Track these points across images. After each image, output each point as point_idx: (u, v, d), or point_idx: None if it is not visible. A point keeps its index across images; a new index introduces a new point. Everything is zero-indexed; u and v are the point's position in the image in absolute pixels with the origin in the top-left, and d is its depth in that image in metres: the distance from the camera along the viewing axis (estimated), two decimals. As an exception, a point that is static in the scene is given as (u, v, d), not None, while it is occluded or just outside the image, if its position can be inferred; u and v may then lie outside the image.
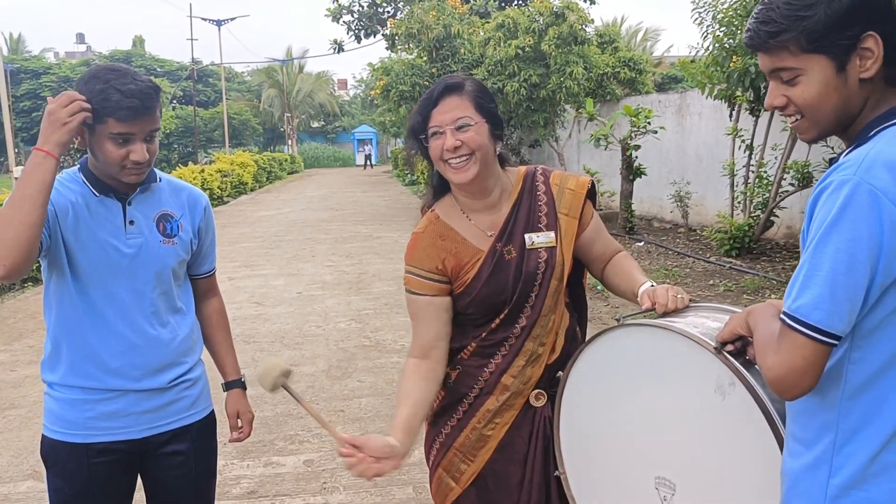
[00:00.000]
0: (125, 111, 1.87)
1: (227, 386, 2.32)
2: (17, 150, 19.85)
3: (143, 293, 2.04)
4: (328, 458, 4.11)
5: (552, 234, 1.94)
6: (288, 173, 39.24)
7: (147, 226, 2.05)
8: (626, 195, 11.27)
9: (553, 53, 12.36)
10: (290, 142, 51.13)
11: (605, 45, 14.54)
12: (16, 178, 15.17)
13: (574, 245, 1.99)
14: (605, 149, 10.55)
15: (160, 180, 2.13)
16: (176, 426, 2.13)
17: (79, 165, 2.04)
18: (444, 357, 1.96)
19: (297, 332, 6.86)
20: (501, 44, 12.85)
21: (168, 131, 37.87)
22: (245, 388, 2.34)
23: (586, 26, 12.80)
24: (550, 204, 1.97)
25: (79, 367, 2.04)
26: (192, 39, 47.40)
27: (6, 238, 1.76)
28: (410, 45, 16.14)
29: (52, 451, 2.07)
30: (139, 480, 2.18)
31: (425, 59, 15.93)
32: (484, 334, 1.95)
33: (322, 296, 8.46)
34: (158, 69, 55.64)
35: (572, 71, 12.14)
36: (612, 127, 10.43)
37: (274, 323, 7.15)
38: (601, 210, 13.38)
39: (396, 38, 16.43)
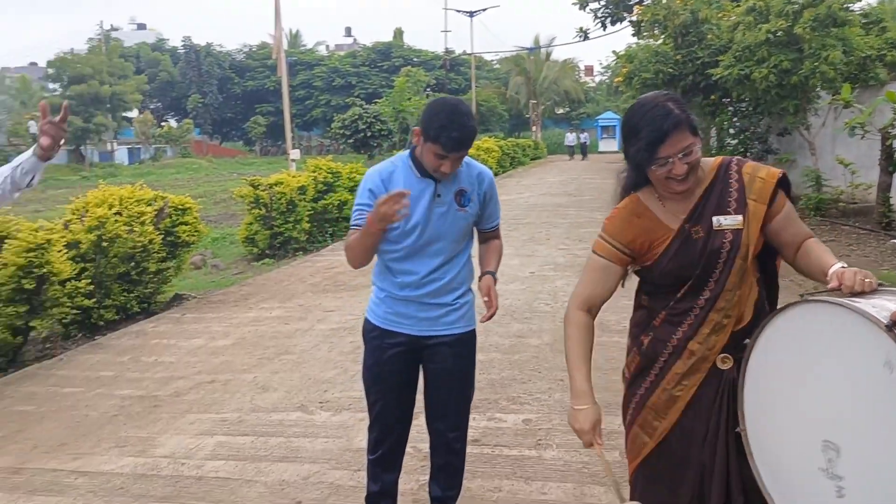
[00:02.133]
0: (448, 146, 2.64)
1: (483, 274, 2.97)
2: (292, 135, 22.26)
3: (441, 246, 2.84)
4: (545, 419, 4.51)
5: (740, 217, 2.15)
6: (531, 159, 40.03)
7: (449, 198, 2.81)
8: (884, 188, 10.41)
9: (808, 37, 11.62)
10: (534, 128, 51.99)
11: (870, 26, 13.36)
12: (292, 160, 17.15)
13: (764, 230, 2.18)
14: (863, 138, 9.82)
15: (463, 166, 2.83)
16: (445, 333, 2.89)
17: (409, 151, 2.85)
18: (596, 315, 2.32)
19: (526, 307, 7.33)
20: (751, 28, 12.31)
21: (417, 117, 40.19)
22: (496, 280, 2.95)
23: (849, 6, 11.88)
24: (741, 190, 2.17)
25: (388, 279, 2.89)
26: (445, 31, 49.61)
27: (357, 261, 2.82)
28: (656, 31, 15.92)
29: (367, 331, 2.98)
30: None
31: (671, 45, 15.64)
32: (672, 303, 2.21)
33: (553, 276, 8.85)
34: (415, 59, 59.02)
35: (829, 55, 11.34)
36: (872, 114, 9.67)
37: (506, 298, 7.67)
38: (855, 203, 12.41)
39: (642, 24, 16.29)
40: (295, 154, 17.65)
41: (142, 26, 79.86)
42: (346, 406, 4.87)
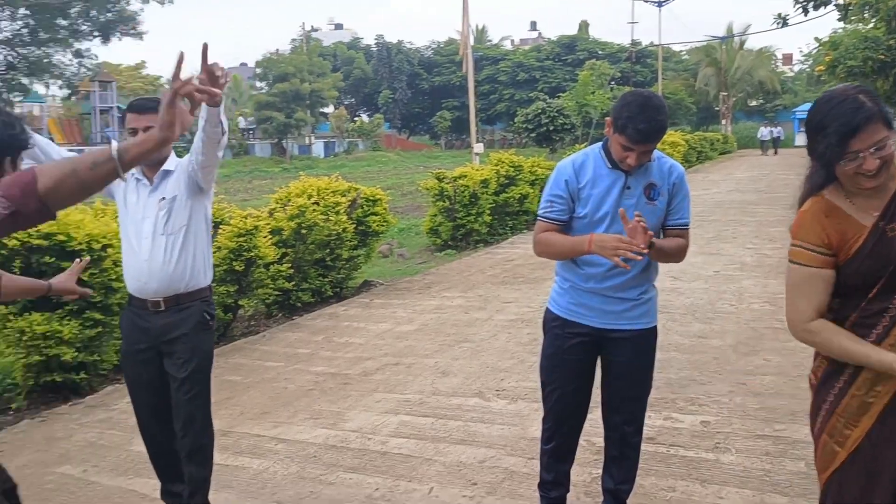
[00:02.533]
0: (634, 137, 2.68)
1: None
2: (476, 129, 22.69)
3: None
4: (724, 422, 4.39)
5: None
6: (719, 153, 38.23)
7: (638, 191, 2.85)
8: None
9: None
10: (724, 121, 49.55)
11: None
12: (476, 154, 17.54)
13: None
14: None
15: (653, 160, 2.87)
16: (628, 328, 2.93)
17: (602, 142, 2.91)
18: None
19: (709, 307, 7.10)
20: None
21: (602, 111, 39.52)
22: (654, 245, 2.74)
23: None
24: None
25: (573, 270, 2.95)
26: (632, 23, 48.40)
27: (549, 257, 3.01)
28: (866, 14, 14.69)
29: (548, 320, 3.07)
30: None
31: (882, 30, 14.39)
32: (863, 304, 2.11)
33: (739, 276, 8.49)
34: (600, 52, 58.06)
35: None
36: None
37: (688, 297, 7.48)
38: None
39: (850, 7, 15.09)
40: (479, 148, 18.03)
41: (339, 26, 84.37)
42: (522, 395, 4.99)
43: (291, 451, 4.25)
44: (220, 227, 6.58)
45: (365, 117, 61.84)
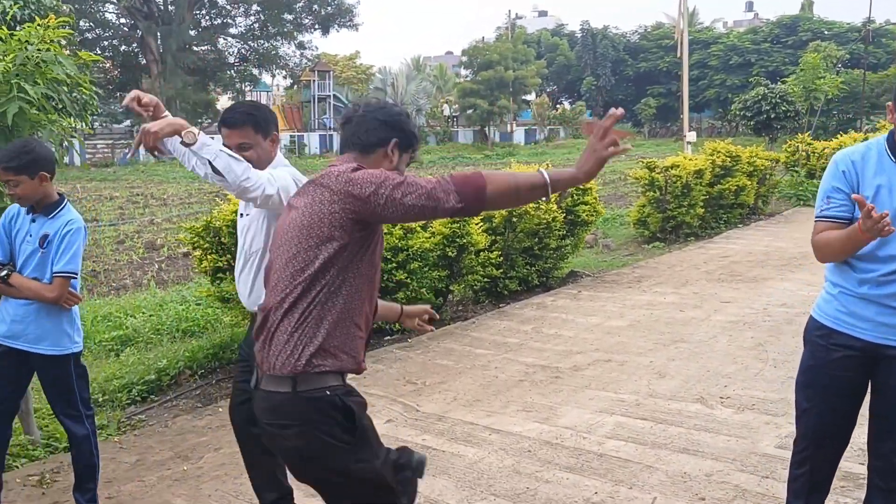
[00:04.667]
0: None
1: None
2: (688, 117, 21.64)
3: None
4: None
5: None
6: None
7: None
8: None
9: None
10: None
11: None
12: (688, 143, 16.73)
13: None
14: None
15: None
16: None
17: (886, 135, 2.56)
18: None
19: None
20: None
21: (830, 97, 36.28)
22: None
23: None
24: None
25: (844, 273, 2.59)
26: (869, -3, 43.88)
27: (831, 260, 2.62)
28: None
29: (811, 329, 2.71)
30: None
31: None
32: None
33: None
34: (826, 32, 53.45)
35: None
36: None
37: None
38: None
39: None
40: (691, 136, 17.19)
41: (543, 13, 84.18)
42: (749, 405, 4.61)
43: (505, 443, 4.19)
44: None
45: (567, 105, 61.26)
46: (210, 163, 2.60)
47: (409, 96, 48.80)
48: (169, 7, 44.25)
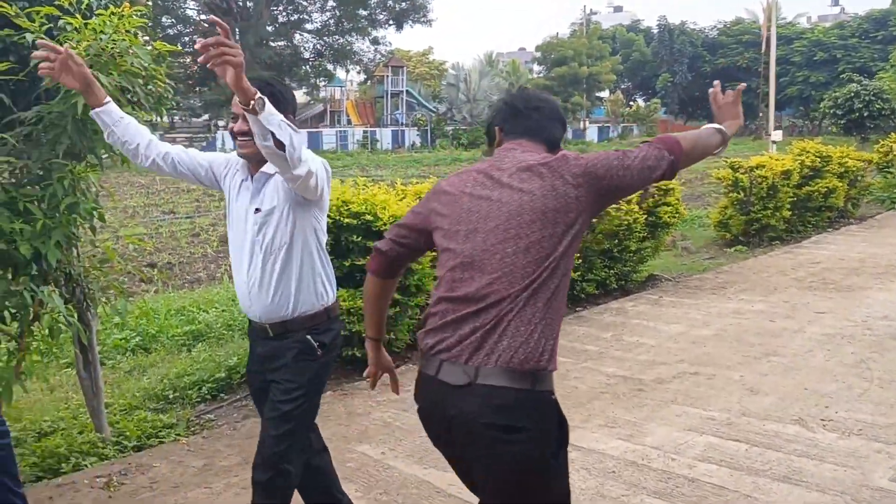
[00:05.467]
0: None
1: None
2: (768, 115, 20.80)
3: None
4: None
5: None
6: None
7: None
8: None
9: None
10: None
11: None
12: (773, 142, 16.02)
13: None
14: None
15: None
16: None
17: None
18: None
19: None
20: None
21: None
22: None
23: None
24: None
25: None
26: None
27: None
28: None
29: None
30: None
31: None
32: None
33: None
34: (918, 27, 50.95)
35: None
36: None
37: None
38: None
39: None
40: (776, 135, 16.46)
41: (618, 9, 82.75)
42: (856, 430, 4.22)
43: (588, 462, 3.94)
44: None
45: (641, 102, 60.00)
46: (273, 135, 2.25)
47: (481, 92, 48.48)
48: (247, 3, 45.07)
